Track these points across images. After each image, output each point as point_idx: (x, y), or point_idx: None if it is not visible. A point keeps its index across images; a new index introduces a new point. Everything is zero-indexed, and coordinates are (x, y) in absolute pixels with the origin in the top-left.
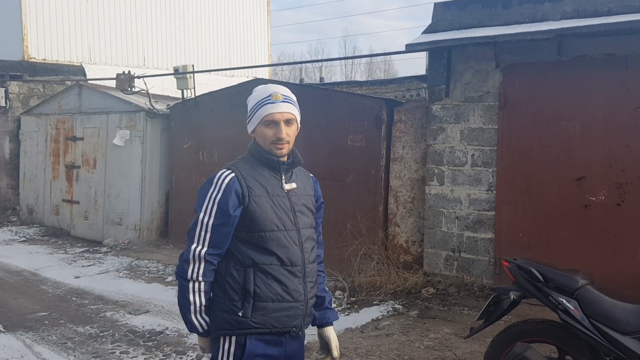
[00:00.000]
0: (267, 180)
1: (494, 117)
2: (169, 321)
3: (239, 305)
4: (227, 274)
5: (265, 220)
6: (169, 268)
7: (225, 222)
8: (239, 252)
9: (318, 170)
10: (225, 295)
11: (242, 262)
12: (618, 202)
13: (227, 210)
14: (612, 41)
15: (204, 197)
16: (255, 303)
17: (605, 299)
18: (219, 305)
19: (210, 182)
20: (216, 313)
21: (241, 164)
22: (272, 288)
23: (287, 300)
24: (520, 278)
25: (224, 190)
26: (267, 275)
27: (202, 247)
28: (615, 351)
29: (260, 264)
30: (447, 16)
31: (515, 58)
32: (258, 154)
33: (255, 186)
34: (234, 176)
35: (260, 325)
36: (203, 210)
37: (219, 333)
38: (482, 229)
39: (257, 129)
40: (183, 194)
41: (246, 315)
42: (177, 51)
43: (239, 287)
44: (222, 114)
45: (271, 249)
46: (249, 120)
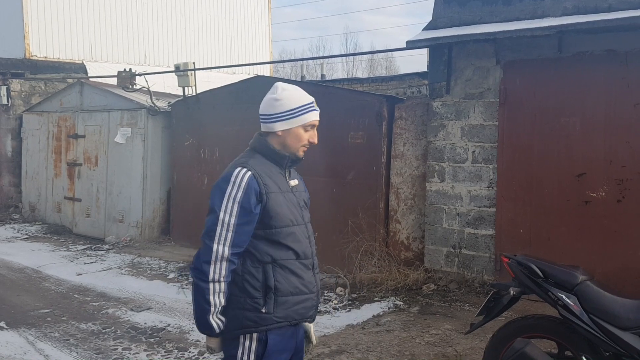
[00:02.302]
0: (276, 177)
1: (495, 114)
2: (171, 318)
3: (261, 302)
4: (245, 273)
5: (281, 216)
6: (170, 265)
7: (247, 221)
8: (257, 249)
9: (319, 167)
10: (245, 294)
11: (260, 259)
12: (618, 199)
13: (249, 209)
14: (612, 37)
15: (222, 195)
16: (277, 298)
17: (605, 294)
18: (238, 304)
19: (227, 181)
20: (235, 312)
21: (253, 162)
22: (291, 282)
23: (304, 292)
24: (520, 274)
25: (245, 188)
26: (285, 270)
27: (224, 247)
28: (615, 347)
29: (278, 260)
30: (447, 13)
31: (515, 55)
32: (269, 151)
33: (270, 183)
34: (251, 174)
35: (282, 319)
36: (223, 209)
37: (241, 331)
38: (482, 225)
39: (293, 129)
40: (184, 191)
41: (269, 311)
42: (179, 48)
43: (259, 284)
44: (224, 111)
45: (288, 244)
46: (285, 119)
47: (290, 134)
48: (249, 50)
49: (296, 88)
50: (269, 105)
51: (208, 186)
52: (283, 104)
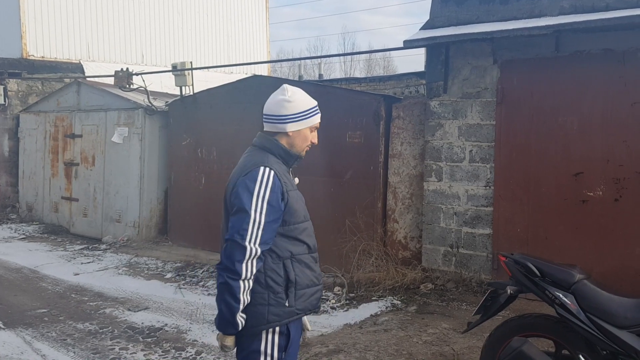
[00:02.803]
0: (288, 175)
1: (492, 113)
2: (168, 317)
3: (283, 297)
4: (268, 269)
5: (298, 212)
6: (168, 265)
7: (275, 219)
8: (277, 246)
9: (317, 167)
10: (269, 290)
11: (281, 255)
12: (616, 198)
13: (278, 207)
14: (609, 36)
15: (250, 195)
16: (297, 291)
17: (602, 293)
18: (262, 300)
19: (254, 180)
20: (258, 308)
21: (270, 161)
22: (307, 275)
23: (316, 283)
24: (517, 273)
25: (271, 187)
26: (301, 264)
27: (255, 245)
28: (612, 345)
29: (296, 255)
30: (444, 12)
31: (512, 54)
32: (281, 150)
33: (287, 181)
34: (275, 173)
35: (302, 310)
36: (253, 209)
37: (265, 327)
38: (480, 224)
39: (302, 130)
40: (182, 191)
41: (292, 304)
42: (176, 48)
43: (281, 279)
44: (221, 111)
45: (303, 239)
46: (298, 120)
47: (299, 134)
48: (246, 50)
49: (302, 91)
50: (279, 107)
51: (205, 186)
52: (295, 106)
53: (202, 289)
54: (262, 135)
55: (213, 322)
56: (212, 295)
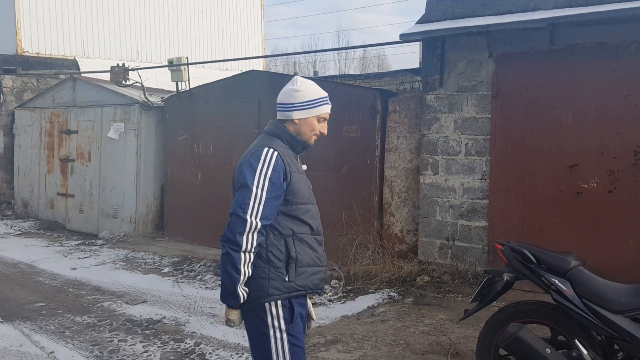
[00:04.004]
0: (293, 159)
1: (487, 107)
2: (167, 310)
3: (284, 272)
4: (269, 245)
5: (302, 194)
6: (165, 260)
7: (276, 196)
8: (279, 224)
9: (313, 161)
10: (270, 264)
11: (282, 232)
12: (610, 189)
13: (279, 184)
14: (603, 30)
15: (253, 172)
16: (297, 268)
17: (597, 279)
18: (263, 273)
19: (257, 158)
20: (259, 281)
21: (276, 144)
22: (308, 254)
23: (318, 264)
24: (513, 260)
25: (274, 166)
26: (303, 243)
27: (256, 219)
28: (607, 330)
29: (298, 234)
30: (440, 6)
31: (508, 47)
32: (287, 136)
33: (291, 164)
34: (278, 154)
35: (302, 287)
36: (255, 184)
37: (266, 299)
38: (475, 217)
39: (309, 119)
40: (178, 186)
41: (291, 280)
42: (171, 45)
43: (282, 255)
44: (217, 106)
45: (306, 220)
46: (304, 109)
47: (305, 122)
48: (241, 48)
49: (313, 82)
50: (288, 96)
51: (202, 181)
52: (302, 95)
53: (200, 282)
54: (273, 122)
55: (212, 314)
56: (210, 288)
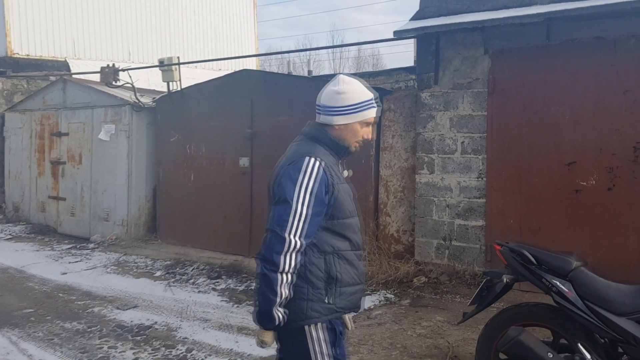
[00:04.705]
0: (336, 167)
1: (484, 104)
2: (158, 315)
3: (324, 293)
4: (309, 263)
5: (345, 207)
6: (157, 263)
7: (319, 212)
8: (320, 240)
9: None
10: (310, 284)
11: (323, 249)
12: (609, 187)
13: (322, 199)
14: (600, 24)
15: (293, 185)
16: (338, 288)
17: (600, 280)
18: (302, 294)
19: (298, 169)
20: (298, 302)
21: (318, 151)
22: (349, 272)
23: (358, 282)
24: (512, 261)
25: (316, 178)
26: (344, 260)
27: (296, 238)
28: (611, 333)
29: (339, 251)
30: (435, 2)
31: (503, 43)
32: (330, 142)
33: (335, 174)
34: (321, 165)
35: (342, 309)
36: (295, 199)
37: (305, 322)
38: (472, 216)
39: (351, 125)
40: (171, 188)
41: (332, 302)
42: (163, 46)
43: (322, 274)
44: (209, 106)
45: (347, 235)
46: (346, 113)
47: (347, 128)
48: (234, 49)
49: (359, 82)
50: (330, 98)
51: (195, 183)
52: (345, 98)
53: (192, 286)
54: (312, 124)
55: (204, 319)
56: (203, 292)
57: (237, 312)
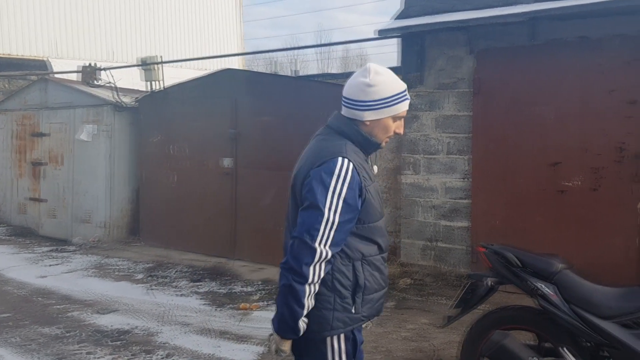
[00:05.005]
0: (366, 166)
1: (468, 104)
2: (138, 320)
3: (350, 302)
4: (335, 271)
5: (375, 210)
6: (139, 266)
7: (351, 219)
8: (348, 246)
9: (291, 161)
10: (335, 293)
11: (351, 256)
12: (594, 187)
13: (354, 205)
14: (585, 24)
15: (325, 190)
16: (365, 296)
17: (585, 283)
18: (328, 304)
19: (330, 173)
20: (323, 312)
21: (348, 150)
22: (376, 278)
23: (383, 287)
24: (496, 263)
25: (349, 183)
26: (371, 266)
27: (326, 247)
28: (596, 336)
29: (367, 256)
30: (419, 1)
31: (488, 43)
32: (361, 137)
33: (365, 175)
34: (354, 166)
35: (367, 317)
36: (327, 206)
37: (329, 333)
38: (458, 217)
39: (382, 120)
40: (153, 189)
41: (358, 311)
42: (146, 46)
43: (349, 282)
44: (193, 106)
45: (375, 239)
46: (378, 107)
47: (379, 124)
48: (220, 48)
49: (389, 72)
50: (359, 90)
51: (178, 184)
52: (377, 91)
53: (174, 289)
54: (339, 116)
55: (185, 323)
56: (184, 295)
57: (219, 316)
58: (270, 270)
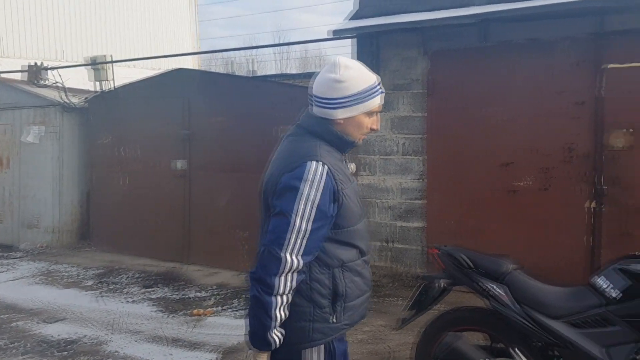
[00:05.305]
0: (342, 166)
1: (423, 105)
2: (87, 329)
3: (329, 311)
4: (312, 280)
5: (353, 213)
6: (89, 272)
7: (323, 225)
8: (326, 253)
9: (247, 162)
10: (313, 303)
11: (329, 263)
12: (544, 187)
13: (326, 212)
14: (535, 26)
15: (295, 197)
16: (345, 304)
17: (535, 283)
18: (305, 315)
19: (299, 178)
20: (301, 324)
21: (322, 151)
22: (357, 284)
23: (366, 291)
24: (449, 265)
25: (322, 188)
26: (352, 272)
27: (296, 256)
28: (546, 336)
29: (347, 262)
30: (373, 2)
31: (441, 44)
32: (334, 137)
33: (342, 177)
34: (328, 170)
35: (349, 324)
36: (297, 213)
37: (308, 345)
38: (413, 218)
39: (356, 117)
40: (104, 192)
41: (338, 320)
42: (97, 45)
43: (328, 291)
44: (144, 107)
45: (355, 243)
46: (350, 105)
47: (352, 121)
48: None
49: (359, 65)
50: (328, 87)
51: (129, 186)
52: (347, 87)
53: (125, 296)
54: (311, 115)
55: (136, 331)
56: (136, 302)
57: (171, 323)
58: (225, 274)
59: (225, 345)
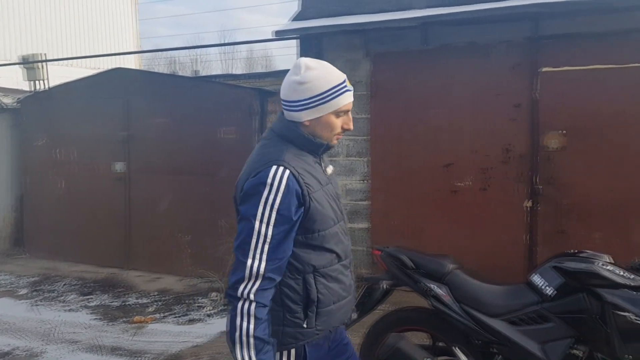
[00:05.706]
0: (314, 168)
1: (366, 107)
2: (19, 339)
3: (301, 317)
4: (283, 285)
5: (325, 217)
6: (23, 280)
7: (287, 230)
8: (297, 259)
9: (189, 164)
10: (283, 308)
11: (301, 269)
12: (484, 187)
13: (289, 216)
14: (474, 30)
15: (257, 201)
16: (319, 310)
17: (473, 282)
18: (276, 318)
19: (262, 183)
20: (274, 328)
21: (288, 156)
22: (333, 290)
23: (344, 297)
24: (391, 266)
25: (283, 192)
26: (327, 278)
27: (259, 261)
28: (485, 334)
29: (320, 268)
30: (315, 3)
31: (384, 47)
32: (303, 139)
33: (311, 181)
34: (290, 173)
35: (323, 329)
36: (258, 217)
37: (280, 348)
38: (358, 219)
39: (323, 118)
40: (39, 197)
41: (311, 325)
42: (32, 43)
43: (299, 297)
44: (81, 107)
45: (330, 247)
46: (313, 105)
47: (319, 123)
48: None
49: (324, 65)
50: (291, 90)
51: (66, 190)
52: (309, 88)
53: (61, 304)
54: (282, 119)
55: (73, 341)
56: (73, 310)
57: (110, 331)
58: (167, 279)
59: (168, 353)
